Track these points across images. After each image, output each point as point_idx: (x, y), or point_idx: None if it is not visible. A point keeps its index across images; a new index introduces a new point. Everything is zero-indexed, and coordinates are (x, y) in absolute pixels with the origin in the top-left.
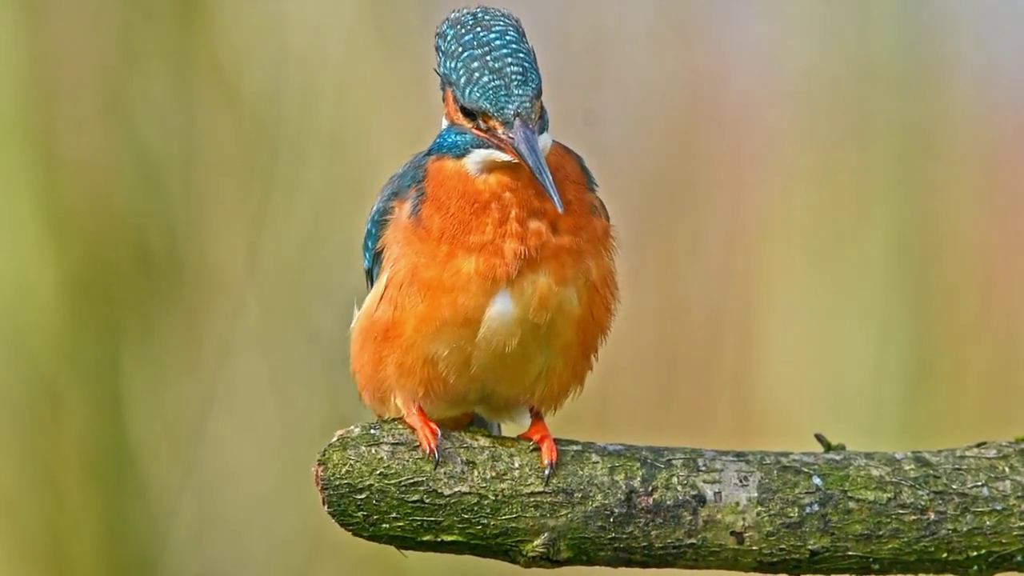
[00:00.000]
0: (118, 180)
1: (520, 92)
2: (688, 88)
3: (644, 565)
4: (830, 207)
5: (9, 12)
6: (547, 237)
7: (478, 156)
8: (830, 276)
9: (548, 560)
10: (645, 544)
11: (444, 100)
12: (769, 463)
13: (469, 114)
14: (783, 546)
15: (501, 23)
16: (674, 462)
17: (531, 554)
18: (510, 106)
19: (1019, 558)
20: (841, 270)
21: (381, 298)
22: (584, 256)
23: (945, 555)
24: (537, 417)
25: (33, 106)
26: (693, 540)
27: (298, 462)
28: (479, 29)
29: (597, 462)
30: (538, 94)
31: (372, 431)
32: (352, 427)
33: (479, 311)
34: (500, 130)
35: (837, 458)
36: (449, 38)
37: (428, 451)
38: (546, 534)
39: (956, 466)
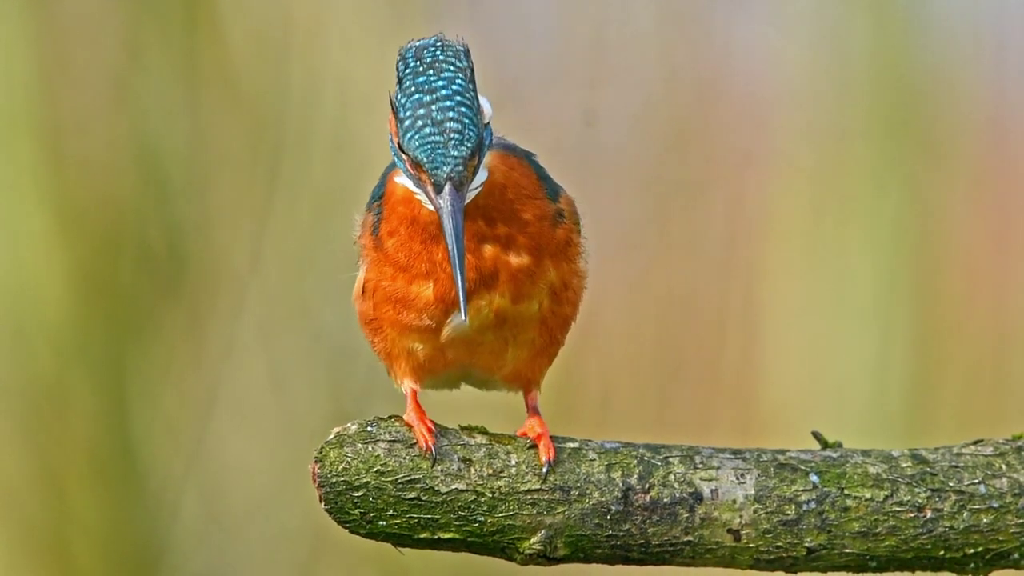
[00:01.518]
0: (123, 177)
1: (456, 153)
2: (689, 86)
3: (641, 562)
4: (831, 205)
5: (17, 10)
6: (502, 259)
7: (413, 188)
8: (831, 274)
9: (545, 558)
10: (642, 541)
11: (390, 117)
12: (766, 460)
13: (406, 151)
14: (780, 544)
15: (451, 69)
16: (671, 459)
17: (528, 552)
18: (444, 168)
19: (1016, 556)
20: (842, 268)
21: (363, 291)
22: (544, 271)
23: (942, 552)
24: (533, 411)
25: (40, 103)
26: (690, 537)
27: (300, 459)
28: (431, 72)
29: (594, 459)
30: (474, 153)
31: (369, 428)
32: (349, 424)
33: (439, 325)
34: (430, 187)
35: (834, 456)
36: (406, 69)
37: (425, 448)
38: (543, 532)
39: (953, 464)
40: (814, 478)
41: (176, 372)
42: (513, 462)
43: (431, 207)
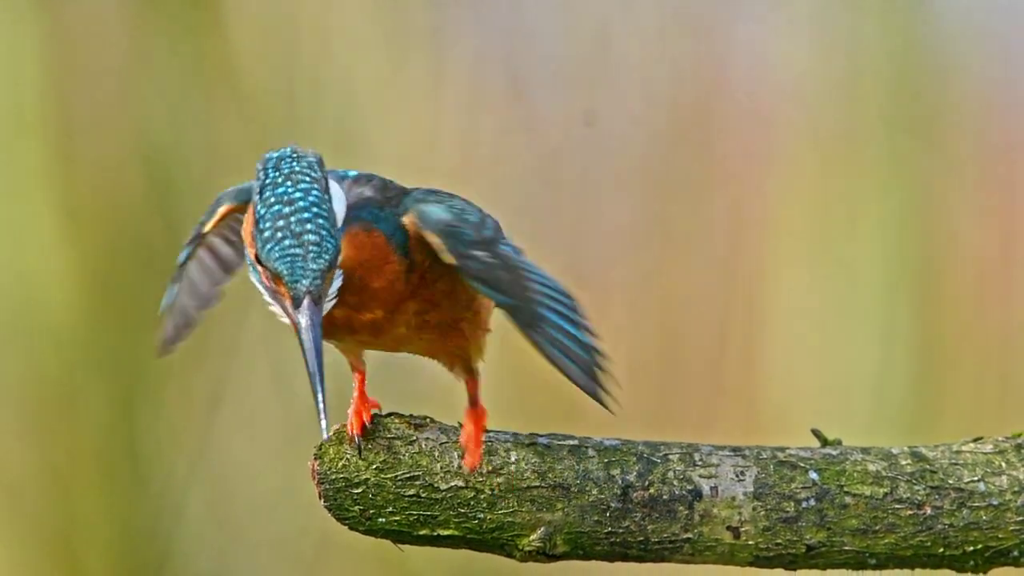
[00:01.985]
0: (130, 178)
1: (315, 267)
2: (691, 85)
3: (640, 559)
4: (832, 205)
5: (26, 11)
6: (355, 316)
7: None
8: (833, 273)
9: (544, 554)
10: (641, 538)
11: (246, 226)
12: (766, 458)
13: (264, 263)
14: (779, 541)
15: (307, 180)
16: (670, 457)
17: (527, 548)
18: (303, 281)
19: (1015, 553)
20: (844, 267)
21: None
22: (403, 312)
23: (941, 550)
24: (471, 403)
25: (48, 105)
26: (689, 534)
27: (303, 459)
28: (289, 184)
29: (593, 456)
30: (331, 265)
31: (368, 425)
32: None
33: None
34: (288, 301)
35: (833, 453)
36: (266, 180)
37: (349, 438)
38: (542, 528)
39: (953, 461)
40: (813, 475)
41: (180, 372)
42: (513, 459)
43: (287, 321)
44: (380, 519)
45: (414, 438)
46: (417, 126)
